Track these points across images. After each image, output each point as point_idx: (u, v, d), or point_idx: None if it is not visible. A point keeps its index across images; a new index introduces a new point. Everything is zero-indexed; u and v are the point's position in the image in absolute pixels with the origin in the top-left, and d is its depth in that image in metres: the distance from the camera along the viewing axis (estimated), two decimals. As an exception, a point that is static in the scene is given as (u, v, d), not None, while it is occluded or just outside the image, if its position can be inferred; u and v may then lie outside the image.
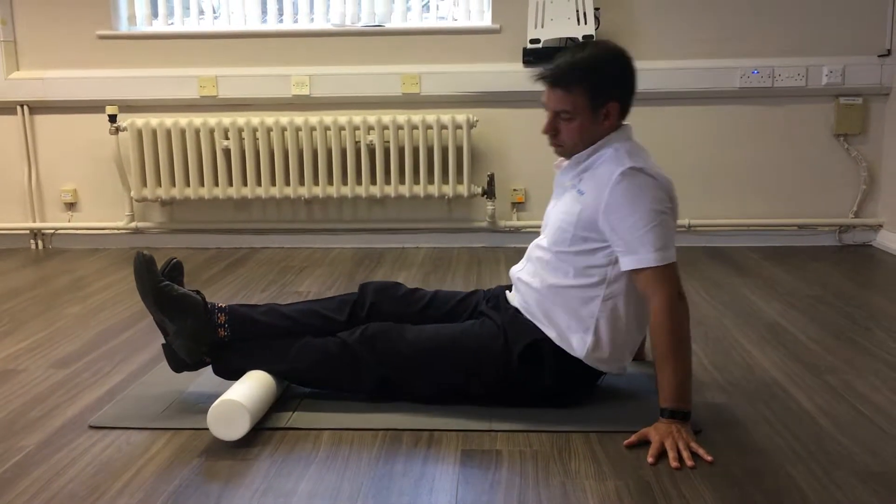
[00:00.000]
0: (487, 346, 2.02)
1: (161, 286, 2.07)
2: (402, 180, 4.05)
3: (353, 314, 2.18)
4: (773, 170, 4.07)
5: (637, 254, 1.88)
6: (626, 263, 1.91)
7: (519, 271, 2.14)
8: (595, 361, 1.98)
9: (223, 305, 2.14)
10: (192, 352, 2.08)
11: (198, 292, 2.13)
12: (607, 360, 2.01)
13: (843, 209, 4.09)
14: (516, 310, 2.07)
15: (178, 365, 2.13)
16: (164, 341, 2.13)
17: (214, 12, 4.24)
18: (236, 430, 1.87)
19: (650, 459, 1.77)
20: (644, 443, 1.84)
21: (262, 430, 1.95)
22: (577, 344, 1.97)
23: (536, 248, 2.10)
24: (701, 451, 1.79)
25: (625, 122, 2.03)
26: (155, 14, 4.22)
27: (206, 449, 1.86)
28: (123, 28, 4.17)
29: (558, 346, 1.99)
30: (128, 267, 2.18)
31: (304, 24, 4.16)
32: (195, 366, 2.13)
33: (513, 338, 2.01)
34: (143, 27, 4.21)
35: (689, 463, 1.75)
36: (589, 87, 1.93)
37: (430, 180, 4.06)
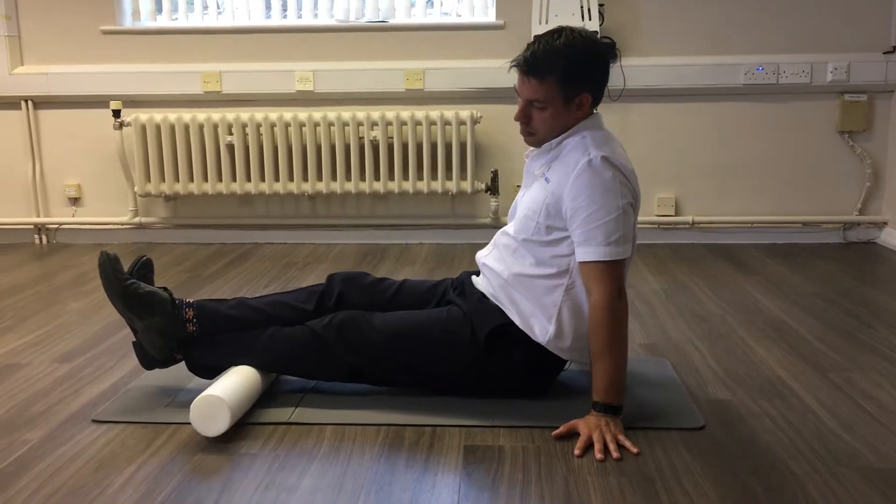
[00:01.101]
0: (454, 332, 2.02)
1: (127, 284, 2.06)
2: (405, 176, 4.05)
3: (322, 304, 2.18)
4: (777, 167, 4.06)
5: (587, 245, 1.88)
6: (577, 254, 1.91)
7: (485, 256, 2.13)
8: (557, 350, 1.98)
9: (191, 301, 2.14)
10: (160, 348, 2.08)
11: (165, 289, 2.12)
12: (569, 349, 2.00)
13: (848, 206, 4.08)
14: (482, 294, 2.08)
15: (149, 362, 2.13)
16: (134, 339, 2.13)
17: (218, 8, 4.23)
18: (218, 424, 1.86)
19: (577, 451, 1.78)
20: (573, 434, 1.85)
21: (265, 425, 1.95)
22: (539, 331, 1.98)
23: (503, 236, 2.10)
24: (628, 444, 1.80)
25: (596, 111, 2.02)
26: (159, 9, 4.21)
27: (209, 443, 1.86)
28: (127, 23, 4.17)
29: (523, 331, 1.99)
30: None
31: (307, 20, 4.16)
32: (165, 363, 2.12)
33: (479, 323, 2.01)
34: (146, 22, 4.21)
35: (615, 455, 1.76)
36: (562, 78, 1.91)
37: (434, 176, 4.05)
